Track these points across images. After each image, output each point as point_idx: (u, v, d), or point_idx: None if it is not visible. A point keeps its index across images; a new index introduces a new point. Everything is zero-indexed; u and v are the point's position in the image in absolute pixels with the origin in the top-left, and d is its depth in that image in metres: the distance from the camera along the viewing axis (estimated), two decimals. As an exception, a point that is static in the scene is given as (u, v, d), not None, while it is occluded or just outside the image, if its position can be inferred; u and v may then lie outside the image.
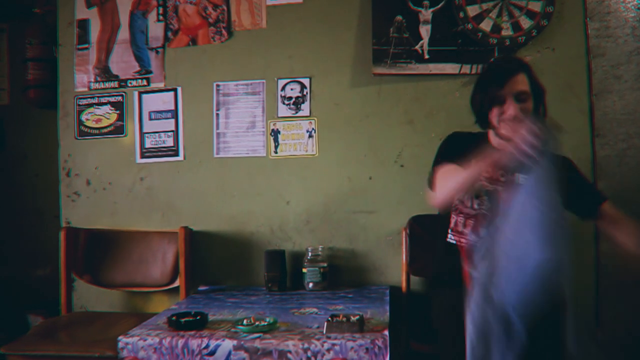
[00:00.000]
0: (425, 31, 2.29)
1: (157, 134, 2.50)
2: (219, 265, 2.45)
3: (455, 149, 1.75)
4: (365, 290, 2.20)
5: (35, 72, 2.72)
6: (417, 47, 2.29)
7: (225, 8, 2.44)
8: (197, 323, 1.63)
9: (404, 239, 2.23)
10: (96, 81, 2.54)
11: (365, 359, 1.46)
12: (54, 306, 2.46)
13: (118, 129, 2.53)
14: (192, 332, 1.58)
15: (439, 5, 2.28)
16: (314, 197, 2.39)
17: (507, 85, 1.62)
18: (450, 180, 1.62)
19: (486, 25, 2.23)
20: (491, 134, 1.76)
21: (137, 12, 2.52)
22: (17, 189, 2.98)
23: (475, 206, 1.72)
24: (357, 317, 1.58)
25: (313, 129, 2.39)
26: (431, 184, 1.77)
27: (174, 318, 1.63)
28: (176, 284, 2.32)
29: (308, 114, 2.39)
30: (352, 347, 1.46)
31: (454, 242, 1.74)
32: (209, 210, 2.45)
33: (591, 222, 1.84)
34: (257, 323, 1.61)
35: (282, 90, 2.41)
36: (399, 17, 2.29)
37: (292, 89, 2.40)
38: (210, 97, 2.46)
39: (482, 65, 2.04)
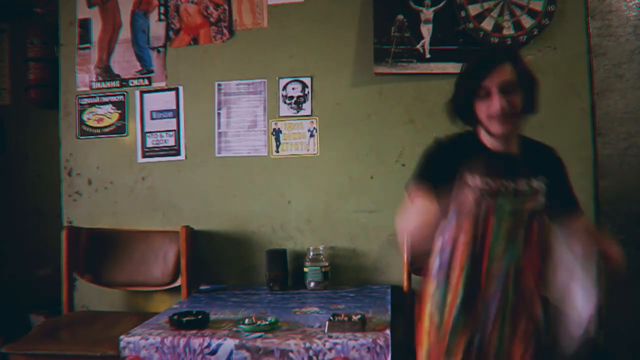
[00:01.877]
0: (426, 30, 2.29)
1: (158, 134, 2.50)
2: (221, 265, 2.45)
3: (437, 163, 1.54)
4: (366, 290, 2.20)
5: (36, 72, 2.72)
6: (418, 46, 2.29)
7: (226, 7, 2.44)
8: (199, 322, 1.63)
9: (405, 238, 2.23)
10: (97, 81, 2.54)
11: (366, 358, 1.46)
12: (55, 306, 2.46)
13: (119, 129, 2.53)
14: (194, 332, 1.58)
15: (440, 5, 2.28)
16: (316, 196, 2.39)
17: (490, 75, 1.43)
18: (414, 216, 1.43)
19: (487, 25, 2.23)
20: (481, 132, 1.57)
21: (138, 12, 2.52)
22: (19, 189, 2.98)
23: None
24: (359, 316, 1.58)
25: (314, 128, 2.39)
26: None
27: (175, 317, 1.63)
28: (178, 283, 2.32)
29: (309, 114, 2.39)
30: (353, 347, 1.46)
31: None
32: (211, 210, 2.46)
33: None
34: (258, 322, 1.61)
35: (283, 89, 2.41)
36: (400, 17, 2.29)
37: (293, 89, 2.40)
38: (211, 97, 2.46)
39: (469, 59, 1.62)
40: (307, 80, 2.40)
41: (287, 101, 2.41)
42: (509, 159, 1.53)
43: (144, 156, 2.51)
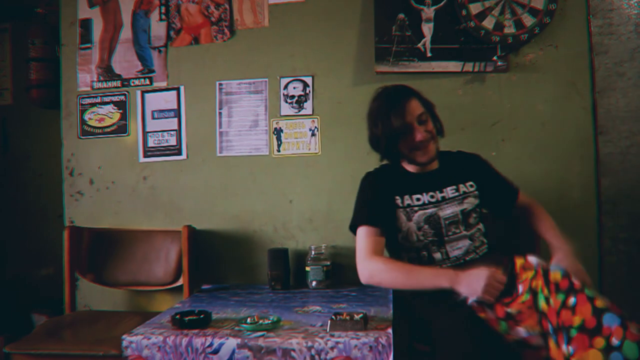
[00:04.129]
0: (427, 29, 2.28)
1: (160, 133, 2.50)
2: (222, 264, 2.45)
3: (376, 196, 1.77)
4: (368, 289, 2.19)
5: (38, 72, 2.73)
6: (419, 45, 2.29)
7: (227, 7, 2.44)
8: (201, 322, 1.63)
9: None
10: (99, 80, 2.54)
11: (368, 357, 1.46)
12: (57, 305, 2.46)
13: (121, 128, 2.54)
14: (196, 331, 1.58)
15: (442, 3, 2.28)
16: (317, 195, 2.39)
17: (407, 113, 1.68)
18: (393, 274, 1.63)
19: (488, 23, 2.22)
20: (405, 162, 1.81)
21: (139, 12, 2.52)
22: (21, 189, 2.99)
23: (421, 237, 1.72)
24: (361, 315, 1.58)
25: (316, 127, 2.39)
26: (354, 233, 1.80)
27: (177, 317, 1.63)
28: (179, 282, 2.32)
29: (311, 113, 2.39)
30: (355, 345, 1.46)
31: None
32: (212, 209, 2.46)
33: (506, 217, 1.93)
34: (260, 321, 1.61)
35: (284, 88, 2.41)
36: (402, 15, 2.29)
37: (294, 88, 2.40)
38: (212, 96, 2.46)
39: (374, 100, 1.79)
40: (309, 80, 2.40)
41: (289, 100, 2.41)
42: (432, 175, 1.78)
43: (145, 156, 2.51)
